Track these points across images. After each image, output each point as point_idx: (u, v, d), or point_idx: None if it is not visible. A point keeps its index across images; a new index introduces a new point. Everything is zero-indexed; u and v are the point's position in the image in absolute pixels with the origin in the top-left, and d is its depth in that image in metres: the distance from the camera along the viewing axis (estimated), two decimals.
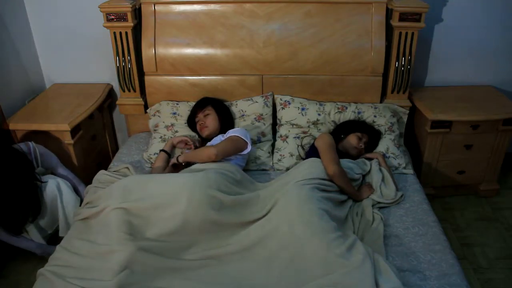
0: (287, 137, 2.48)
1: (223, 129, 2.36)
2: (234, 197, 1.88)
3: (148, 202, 1.81)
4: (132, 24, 2.45)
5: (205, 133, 2.34)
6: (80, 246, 1.73)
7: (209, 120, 2.35)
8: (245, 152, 2.23)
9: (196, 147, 2.36)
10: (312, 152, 2.26)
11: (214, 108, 2.39)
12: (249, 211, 1.88)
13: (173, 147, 2.38)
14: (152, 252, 1.66)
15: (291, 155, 2.42)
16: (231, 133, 2.24)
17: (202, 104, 2.42)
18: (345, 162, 2.18)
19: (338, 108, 2.51)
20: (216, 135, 2.33)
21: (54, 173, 2.30)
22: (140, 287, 1.59)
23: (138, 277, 1.60)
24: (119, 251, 1.62)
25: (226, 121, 2.41)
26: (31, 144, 2.19)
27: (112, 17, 2.43)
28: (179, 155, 2.23)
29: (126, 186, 1.90)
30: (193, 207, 1.77)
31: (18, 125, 2.42)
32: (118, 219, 1.74)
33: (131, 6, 2.41)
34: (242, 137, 2.20)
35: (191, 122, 2.45)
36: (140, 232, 1.74)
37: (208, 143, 2.31)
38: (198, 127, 2.39)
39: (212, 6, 2.51)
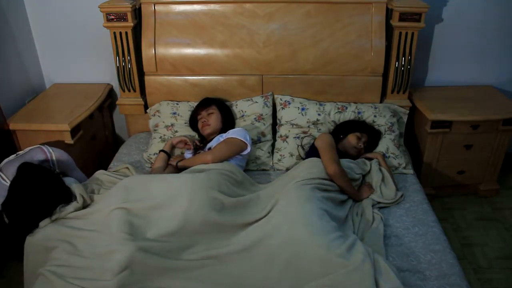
0: (287, 137, 2.49)
1: (224, 129, 2.36)
2: (235, 199, 1.88)
3: (149, 203, 1.81)
4: (132, 24, 2.45)
5: (207, 131, 2.34)
6: (80, 246, 1.73)
7: (212, 119, 2.35)
8: (245, 152, 2.24)
9: (195, 147, 2.36)
10: (312, 152, 2.26)
11: (218, 108, 2.40)
12: (249, 212, 1.88)
13: (173, 147, 2.38)
14: (153, 252, 1.66)
15: (291, 155, 2.42)
16: (230, 133, 2.24)
17: (206, 103, 2.43)
18: (345, 162, 2.18)
19: (338, 108, 2.51)
20: (217, 135, 2.33)
21: (68, 175, 2.24)
22: (140, 287, 1.59)
23: (138, 277, 1.60)
24: (119, 251, 1.62)
25: (228, 121, 2.41)
26: (46, 148, 2.08)
27: (112, 17, 2.43)
28: (179, 160, 2.23)
29: (127, 186, 1.90)
30: (194, 208, 1.77)
31: (18, 125, 2.42)
32: (119, 219, 1.74)
33: (131, 6, 2.41)
34: (241, 138, 2.20)
35: (193, 121, 2.45)
36: (140, 232, 1.73)
37: (208, 144, 2.31)
38: (200, 125, 2.39)
39: (212, 6, 2.51)
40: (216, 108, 2.39)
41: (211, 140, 2.34)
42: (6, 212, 1.85)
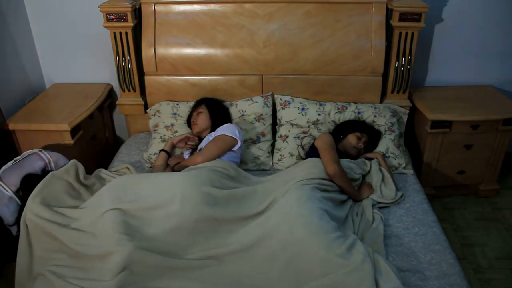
0: (287, 137, 2.49)
1: (215, 128, 2.36)
2: (228, 191, 1.89)
3: (143, 203, 1.80)
4: (132, 24, 2.45)
5: (195, 130, 2.37)
6: (78, 247, 1.72)
7: (200, 118, 2.36)
8: (236, 147, 2.24)
9: (192, 148, 2.37)
10: (312, 152, 2.26)
11: (207, 107, 2.40)
12: (246, 205, 1.88)
13: (173, 147, 2.39)
14: (151, 252, 1.66)
15: (291, 155, 2.42)
16: (219, 130, 2.25)
17: (197, 103, 2.45)
18: (345, 162, 2.18)
19: (338, 108, 2.51)
20: (208, 133, 2.34)
21: None
22: (140, 287, 1.58)
23: (137, 277, 1.60)
24: (117, 252, 1.62)
25: (219, 119, 2.39)
26: (43, 154, 2.08)
27: (112, 17, 2.43)
28: (176, 163, 2.24)
29: (119, 186, 1.89)
30: (188, 205, 1.77)
31: (18, 125, 2.42)
32: (114, 220, 1.73)
33: (131, 6, 2.41)
34: (230, 134, 2.21)
35: (189, 122, 2.46)
36: (137, 232, 1.73)
37: (200, 145, 2.32)
38: (191, 125, 2.40)
39: (212, 6, 2.51)
40: (205, 107, 2.40)
41: (202, 139, 2.35)
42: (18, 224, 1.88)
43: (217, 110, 2.43)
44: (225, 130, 2.23)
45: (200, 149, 2.27)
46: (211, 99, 2.50)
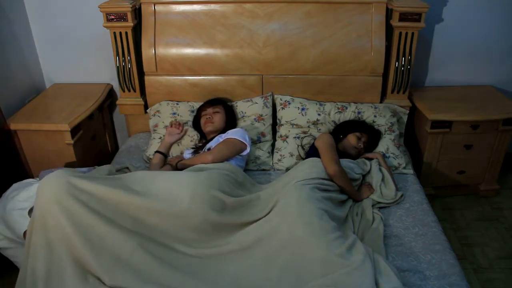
0: (287, 137, 2.49)
1: (225, 131, 2.36)
2: (236, 199, 1.88)
3: (151, 199, 1.80)
4: (132, 24, 2.45)
5: (208, 128, 2.34)
6: (86, 234, 1.70)
7: (217, 117, 2.35)
8: (245, 153, 2.24)
9: (195, 148, 2.36)
10: (312, 152, 2.26)
11: (225, 109, 2.41)
12: (250, 212, 1.88)
13: (169, 147, 2.39)
14: (152, 249, 1.66)
15: (291, 155, 2.42)
16: (230, 134, 2.24)
17: (214, 101, 2.45)
18: (345, 162, 2.18)
19: (338, 108, 2.51)
20: (217, 135, 2.33)
21: None
22: (140, 283, 1.59)
23: (138, 274, 1.60)
24: (119, 246, 1.63)
25: (231, 123, 2.42)
26: None
27: (112, 17, 2.43)
28: (179, 161, 2.23)
29: (129, 181, 1.88)
30: (195, 206, 1.77)
31: (18, 125, 2.42)
32: (122, 212, 1.73)
33: (131, 6, 2.41)
34: (240, 139, 2.20)
35: (197, 120, 2.44)
36: (141, 228, 1.73)
37: (208, 145, 2.30)
38: (203, 120, 2.38)
39: (212, 6, 2.51)
40: (222, 108, 2.40)
41: (211, 139, 2.34)
42: None
43: (232, 115, 2.45)
44: (235, 134, 2.23)
45: (209, 149, 2.26)
46: (226, 101, 2.50)
